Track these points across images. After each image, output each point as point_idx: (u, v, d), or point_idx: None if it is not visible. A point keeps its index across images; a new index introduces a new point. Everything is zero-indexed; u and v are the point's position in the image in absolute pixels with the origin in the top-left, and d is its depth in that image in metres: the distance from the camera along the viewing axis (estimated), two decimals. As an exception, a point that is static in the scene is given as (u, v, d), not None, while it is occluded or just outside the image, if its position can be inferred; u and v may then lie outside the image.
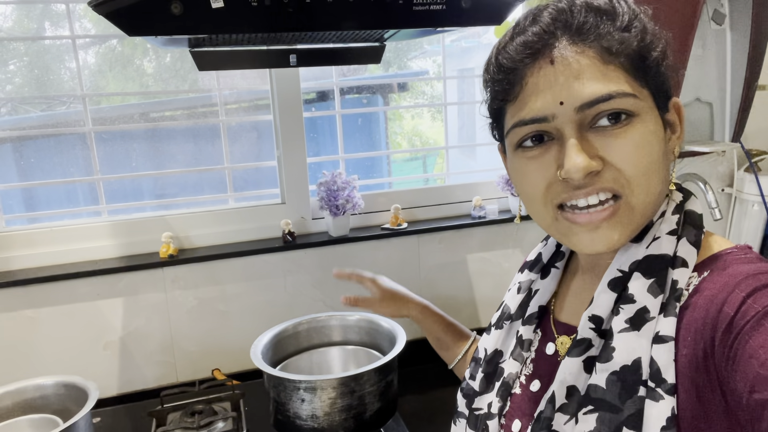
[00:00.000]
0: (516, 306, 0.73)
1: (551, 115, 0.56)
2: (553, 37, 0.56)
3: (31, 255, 1.42)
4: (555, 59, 0.55)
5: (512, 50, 0.58)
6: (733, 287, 0.52)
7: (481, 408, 0.70)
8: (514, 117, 0.59)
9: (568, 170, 0.55)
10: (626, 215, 0.56)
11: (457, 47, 2.13)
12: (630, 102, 0.55)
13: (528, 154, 0.59)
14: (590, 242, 0.58)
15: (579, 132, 0.56)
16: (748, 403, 0.47)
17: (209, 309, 1.51)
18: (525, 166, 0.60)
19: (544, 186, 0.59)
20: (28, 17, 1.49)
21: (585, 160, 0.54)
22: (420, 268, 1.67)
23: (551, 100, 0.56)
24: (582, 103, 0.54)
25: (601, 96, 0.54)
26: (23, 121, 1.53)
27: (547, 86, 0.56)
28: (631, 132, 0.55)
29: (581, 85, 0.54)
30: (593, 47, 0.55)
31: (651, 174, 0.56)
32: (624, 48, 0.55)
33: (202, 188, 1.65)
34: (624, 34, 0.55)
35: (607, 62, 0.55)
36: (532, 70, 0.57)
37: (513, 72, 0.58)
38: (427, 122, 2.34)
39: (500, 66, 0.59)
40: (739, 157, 1.76)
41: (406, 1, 0.93)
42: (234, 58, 1.23)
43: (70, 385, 1.18)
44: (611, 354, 0.55)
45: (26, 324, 1.39)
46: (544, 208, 0.60)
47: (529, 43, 0.57)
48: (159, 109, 1.69)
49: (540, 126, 0.57)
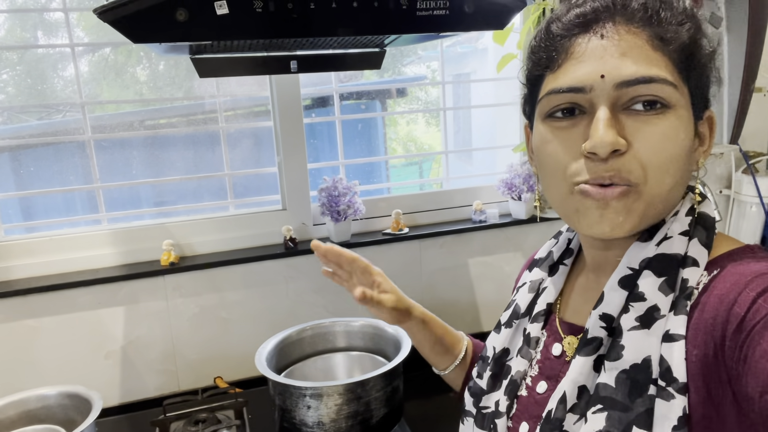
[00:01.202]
0: (526, 304, 0.72)
1: (589, 86, 0.56)
2: (609, 13, 0.56)
3: (31, 264, 1.41)
4: (606, 34, 0.56)
5: (566, 20, 0.58)
6: (743, 286, 0.51)
7: (488, 407, 0.70)
8: (551, 84, 0.59)
9: (595, 144, 0.54)
10: (634, 201, 0.56)
11: (453, 52, 2.13)
12: (668, 91, 0.55)
13: (556, 124, 0.59)
14: (599, 220, 0.57)
15: (612, 109, 0.55)
16: (760, 405, 0.47)
17: (211, 316, 1.50)
18: (551, 136, 0.60)
19: (567, 161, 0.58)
20: (22, 27, 1.49)
21: (613, 135, 0.54)
22: (422, 272, 1.67)
23: (593, 71, 0.55)
24: (623, 80, 0.54)
25: (642, 77, 0.54)
26: (21, 130, 1.53)
27: (591, 58, 0.56)
28: (663, 122, 0.55)
29: (625, 62, 0.54)
30: (646, 31, 0.55)
31: (668, 168, 0.55)
32: (675, 38, 0.55)
33: (202, 195, 1.64)
34: (678, 26, 0.56)
35: (656, 48, 0.55)
36: (581, 41, 0.57)
37: (560, 40, 0.58)
38: (422, 128, 2.35)
39: (549, 33, 0.60)
40: (737, 158, 1.77)
41: (410, 6, 0.93)
42: (235, 65, 1.23)
43: (74, 395, 1.17)
44: (621, 352, 0.55)
45: (27, 334, 1.37)
46: (562, 182, 0.59)
47: (584, 14, 0.57)
48: (158, 117, 1.68)
49: (575, 96, 0.57)
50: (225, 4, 0.84)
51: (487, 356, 0.73)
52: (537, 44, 0.62)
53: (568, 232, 0.75)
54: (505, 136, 1.87)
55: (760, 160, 1.77)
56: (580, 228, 0.60)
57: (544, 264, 0.74)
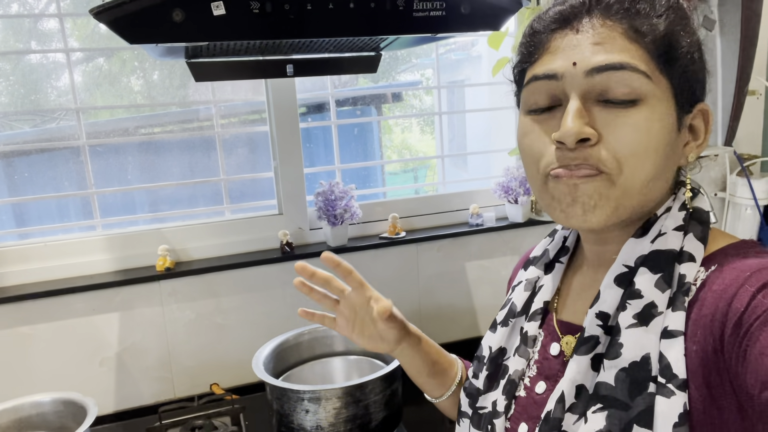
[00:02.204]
0: (522, 303, 0.72)
1: (561, 74, 0.57)
2: (587, 9, 0.58)
3: (25, 271, 1.40)
4: (581, 28, 0.57)
5: (546, 18, 0.60)
6: (742, 282, 0.51)
7: (485, 407, 0.69)
8: (529, 74, 0.61)
9: (562, 133, 0.55)
10: (605, 188, 0.56)
11: (447, 59, 2.14)
12: (640, 80, 0.55)
13: (535, 117, 0.61)
14: (571, 204, 0.57)
15: (584, 101, 0.56)
16: (759, 401, 0.46)
17: (207, 322, 1.49)
18: (530, 128, 0.61)
19: (542, 151, 0.60)
20: (15, 37, 1.49)
21: (580, 125, 0.55)
22: (419, 276, 1.66)
23: (566, 59, 0.57)
24: (593, 66, 0.55)
25: (612, 63, 0.55)
26: (16, 137, 1.52)
27: (566, 50, 0.58)
28: (635, 114, 0.55)
29: (598, 51, 0.56)
30: (622, 23, 0.56)
31: (644, 158, 0.55)
32: (651, 30, 0.56)
33: (198, 201, 1.64)
34: (656, 18, 0.56)
35: (632, 40, 0.56)
36: (557, 36, 0.59)
37: (539, 35, 0.60)
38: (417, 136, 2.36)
39: (532, 30, 0.62)
40: (731, 161, 1.78)
41: (407, 7, 0.93)
42: (230, 69, 1.23)
43: (68, 402, 1.16)
44: (619, 350, 0.55)
45: (21, 341, 1.36)
46: (537, 174, 0.61)
47: (563, 11, 0.59)
48: (153, 124, 1.68)
49: (549, 84, 0.58)
50: (222, 5, 0.84)
51: (483, 356, 0.72)
52: (522, 41, 0.64)
53: (564, 230, 0.75)
54: (500, 141, 1.87)
55: (755, 162, 1.78)
56: (557, 216, 0.60)
57: (539, 262, 0.74)
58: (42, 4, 1.49)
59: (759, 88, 1.78)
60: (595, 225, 0.57)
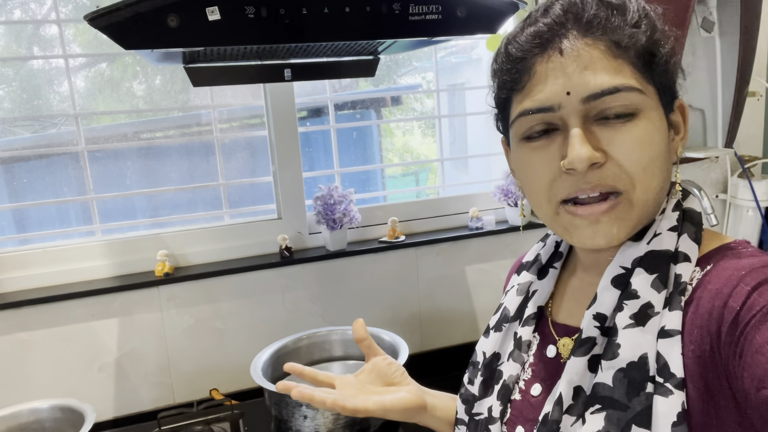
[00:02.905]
0: (515, 308, 0.72)
1: (557, 104, 0.56)
2: (564, 28, 0.56)
3: (24, 277, 1.40)
4: (564, 50, 0.56)
5: (522, 40, 0.58)
6: (738, 280, 0.51)
7: (481, 413, 0.69)
8: (520, 106, 0.59)
9: (572, 161, 0.55)
10: (626, 211, 0.57)
11: (447, 63, 2.14)
12: (636, 97, 0.55)
13: (532, 144, 0.59)
14: (592, 236, 0.58)
15: (584, 123, 0.56)
16: (756, 399, 0.46)
17: (206, 327, 1.49)
18: (529, 158, 0.60)
19: (549, 179, 0.59)
20: (17, 42, 1.49)
21: (588, 150, 0.54)
22: (419, 280, 1.66)
23: (558, 89, 0.56)
24: (589, 94, 0.55)
25: (608, 88, 0.54)
26: (15, 143, 1.52)
27: (554, 76, 0.56)
28: (635, 128, 0.55)
29: (589, 76, 0.55)
30: (603, 40, 0.56)
31: (652, 171, 0.56)
32: (633, 43, 0.56)
33: (197, 205, 1.63)
34: (633, 29, 0.56)
35: (616, 56, 0.55)
36: (541, 60, 0.57)
37: (521, 61, 0.58)
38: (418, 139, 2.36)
39: (509, 55, 0.60)
40: (732, 162, 1.77)
41: (402, 11, 0.93)
42: (228, 74, 1.23)
43: (66, 408, 1.16)
44: (616, 351, 0.54)
45: (20, 347, 1.36)
46: (547, 204, 0.60)
47: (540, 33, 0.57)
48: (152, 129, 1.68)
49: (545, 116, 0.57)
50: (217, 10, 0.84)
51: (477, 361, 0.72)
52: (499, 67, 0.62)
53: (556, 235, 0.74)
54: (500, 144, 1.86)
55: (756, 163, 1.77)
56: (573, 242, 0.61)
57: (532, 267, 0.73)
58: (44, 10, 1.50)
59: (759, 89, 1.78)
60: (615, 245, 0.59)
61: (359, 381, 0.74)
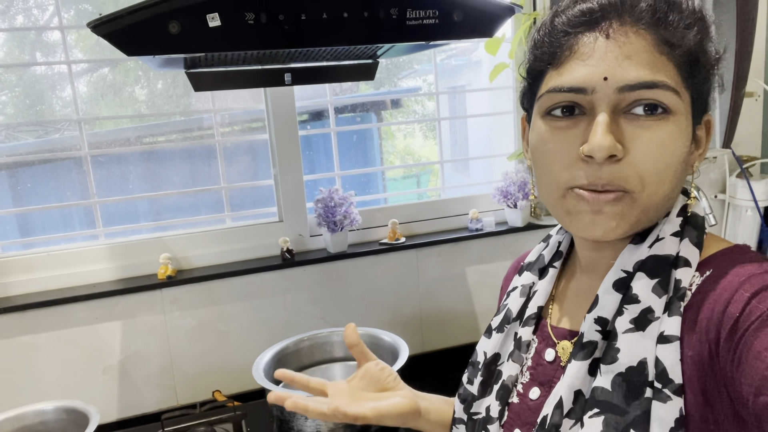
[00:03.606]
0: (517, 309, 0.71)
1: (591, 88, 0.55)
2: (616, 12, 0.55)
3: (29, 280, 1.41)
4: (611, 34, 0.54)
5: (570, 15, 0.57)
6: (737, 287, 0.51)
7: (479, 413, 0.69)
8: (553, 81, 0.58)
9: (592, 148, 0.54)
10: (628, 207, 0.56)
11: (447, 65, 2.15)
12: (670, 97, 0.54)
13: (555, 123, 0.58)
14: (590, 224, 0.57)
15: (612, 113, 0.55)
16: (754, 406, 0.47)
17: (208, 329, 1.50)
18: (550, 135, 0.59)
19: (565, 162, 0.57)
20: (20, 48, 1.51)
21: (611, 140, 0.53)
22: (419, 281, 1.67)
23: (596, 73, 0.54)
24: (625, 84, 0.53)
25: (645, 81, 0.53)
26: (19, 148, 1.54)
27: (595, 58, 0.55)
28: (662, 128, 0.54)
29: (630, 66, 0.53)
30: (652, 33, 0.54)
31: (665, 176, 0.55)
32: (681, 43, 0.54)
33: (199, 209, 1.65)
34: (686, 30, 0.55)
35: (662, 52, 0.54)
36: (585, 40, 0.56)
37: (565, 36, 0.57)
38: (419, 141, 2.37)
39: (554, 28, 0.58)
40: (730, 162, 1.78)
41: (400, 16, 0.95)
42: (229, 79, 1.24)
43: (71, 410, 1.17)
44: (616, 355, 0.55)
45: (24, 350, 1.37)
46: (556, 185, 0.59)
47: (591, 11, 0.56)
48: (154, 133, 1.70)
49: (575, 96, 0.56)
50: (217, 17, 0.86)
51: (478, 361, 0.72)
52: (540, 38, 0.60)
53: (558, 234, 0.74)
54: (501, 145, 1.88)
55: (754, 164, 1.78)
56: (571, 229, 0.60)
57: (534, 267, 0.73)
58: (46, 16, 1.51)
59: (757, 90, 1.78)
60: (610, 239, 0.58)
61: (352, 387, 0.74)
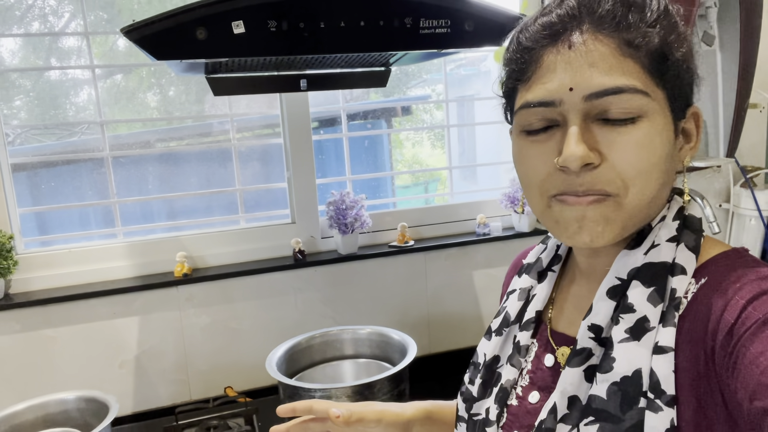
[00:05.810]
0: (516, 312, 0.70)
1: (559, 100, 0.55)
2: (576, 21, 0.55)
3: (50, 276, 1.46)
4: (573, 44, 0.54)
5: (533, 30, 0.57)
6: (732, 294, 0.51)
7: (479, 414, 0.68)
8: (523, 97, 0.58)
9: (566, 158, 0.54)
10: (612, 211, 0.55)
11: (457, 75, 2.20)
12: (640, 100, 0.53)
13: (531, 138, 0.58)
14: (578, 230, 0.56)
15: (584, 121, 0.54)
16: (749, 411, 0.47)
17: (222, 327, 1.54)
18: (527, 150, 0.59)
19: (543, 173, 0.58)
20: (35, 53, 1.56)
21: (583, 150, 0.53)
22: (427, 284, 1.70)
23: (561, 84, 0.54)
24: (591, 92, 0.53)
25: (611, 88, 0.53)
26: (42, 149, 1.59)
27: (560, 70, 0.55)
28: (636, 131, 0.54)
29: (594, 73, 0.53)
30: (614, 37, 0.54)
31: (648, 176, 0.55)
32: (645, 43, 0.54)
33: (214, 210, 1.70)
34: (648, 29, 0.54)
35: (626, 55, 0.53)
36: (549, 52, 0.56)
37: (530, 52, 0.57)
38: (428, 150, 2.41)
39: (520, 44, 0.58)
40: (734, 172, 1.81)
41: (414, 25, 0.99)
42: (247, 84, 1.29)
43: (91, 399, 1.21)
44: (612, 364, 0.55)
45: (46, 343, 1.42)
46: (539, 197, 0.59)
47: (551, 24, 0.56)
48: (172, 137, 1.75)
49: (546, 110, 0.56)
50: (242, 24, 0.91)
51: (478, 362, 0.72)
52: (510, 56, 0.60)
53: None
54: (508, 152, 1.91)
55: (758, 173, 1.81)
56: (561, 238, 0.60)
57: (532, 270, 0.72)
58: (62, 23, 1.57)
59: (762, 101, 1.82)
60: (601, 246, 0.57)
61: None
